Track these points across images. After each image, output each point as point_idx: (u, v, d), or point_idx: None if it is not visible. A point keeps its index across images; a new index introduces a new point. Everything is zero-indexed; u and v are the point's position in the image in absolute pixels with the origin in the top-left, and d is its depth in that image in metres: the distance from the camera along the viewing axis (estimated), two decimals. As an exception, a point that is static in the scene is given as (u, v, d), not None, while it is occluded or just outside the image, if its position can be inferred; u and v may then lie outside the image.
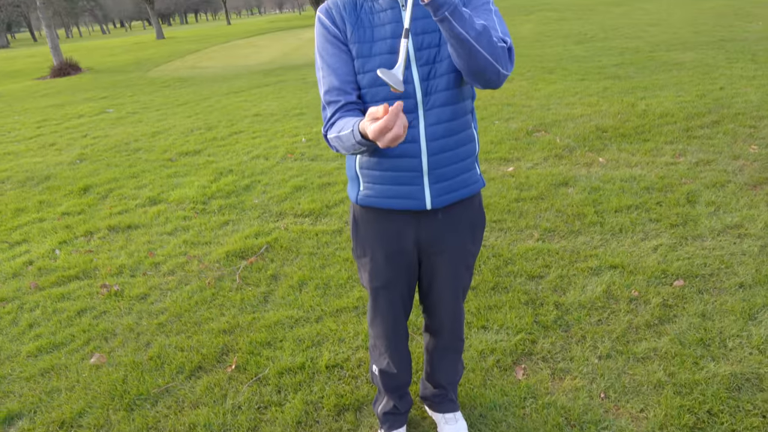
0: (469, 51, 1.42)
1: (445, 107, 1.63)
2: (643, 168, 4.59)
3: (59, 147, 7.85)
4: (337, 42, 1.63)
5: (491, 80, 1.50)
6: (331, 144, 1.62)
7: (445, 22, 1.38)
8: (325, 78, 1.65)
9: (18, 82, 18.54)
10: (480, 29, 1.42)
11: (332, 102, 1.63)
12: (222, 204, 4.81)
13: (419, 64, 1.61)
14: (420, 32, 1.61)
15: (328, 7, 1.67)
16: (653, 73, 8.24)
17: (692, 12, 16.57)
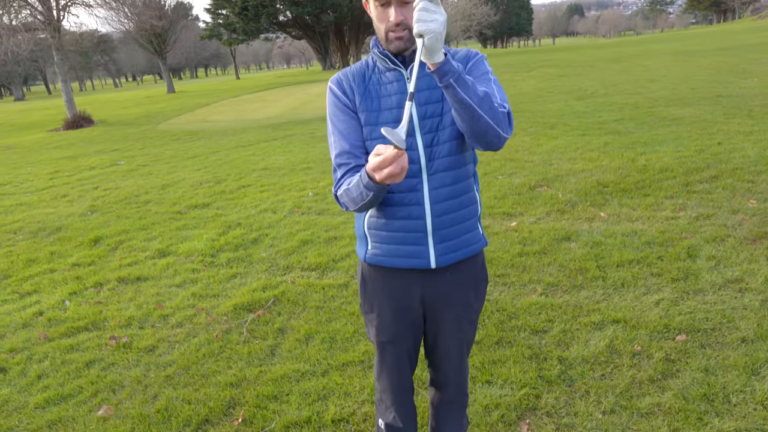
0: (472, 115, 1.53)
1: (447, 172, 1.74)
2: (644, 222, 4.68)
3: (71, 198, 8.02)
4: (347, 110, 1.76)
5: (492, 143, 1.61)
6: (340, 201, 1.73)
7: (450, 89, 1.50)
8: (336, 142, 1.77)
9: (33, 134, 19.01)
10: (482, 95, 1.54)
11: (343, 164, 1.74)
12: (230, 257, 4.89)
13: (423, 132, 1.72)
14: (424, 102, 1.73)
15: (339, 78, 1.81)
16: (653, 129, 8.43)
17: (690, 68, 17.00)
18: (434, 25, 1.42)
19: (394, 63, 1.74)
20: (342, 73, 1.83)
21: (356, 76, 1.80)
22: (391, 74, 1.75)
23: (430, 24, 1.41)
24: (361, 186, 1.60)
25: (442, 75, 1.49)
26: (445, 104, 1.73)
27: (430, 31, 1.41)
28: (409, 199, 1.74)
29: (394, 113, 1.72)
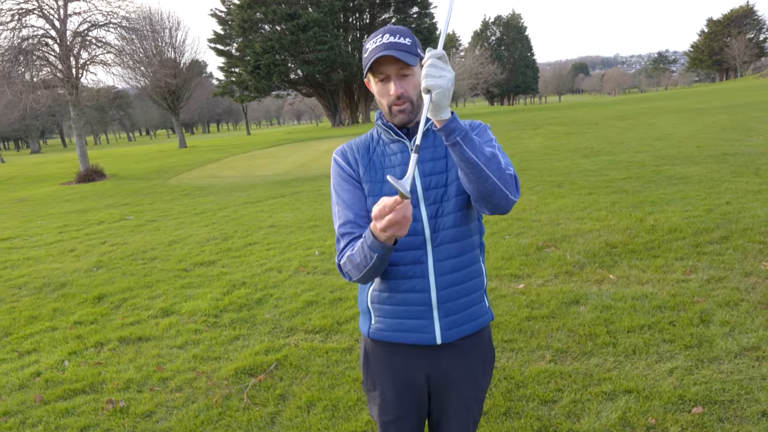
0: (479, 175, 1.52)
1: (453, 243, 1.71)
2: (654, 285, 4.59)
3: (78, 253, 8.04)
4: (351, 180, 1.76)
5: (500, 205, 1.59)
6: (344, 270, 1.69)
7: (456, 147, 1.49)
8: (340, 212, 1.76)
9: (45, 187, 19.29)
10: (489, 155, 1.53)
11: (347, 234, 1.72)
12: (233, 318, 4.82)
13: (427, 203, 1.71)
14: (428, 173, 1.72)
15: (344, 150, 1.82)
16: (660, 188, 8.42)
17: (695, 126, 17.16)
18: (442, 81, 1.42)
19: (398, 134, 1.74)
20: (347, 145, 1.84)
21: (361, 148, 1.81)
22: (395, 146, 1.76)
23: (438, 80, 1.42)
24: (365, 248, 1.57)
25: (449, 132, 1.49)
26: (450, 174, 1.72)
27: (438, 87, 1.41)
28: (414, 271, 1.71)
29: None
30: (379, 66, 1.66)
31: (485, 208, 1.62)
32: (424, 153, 1.75)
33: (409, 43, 1.66)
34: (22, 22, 19.21)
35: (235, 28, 40.00)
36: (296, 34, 37.95)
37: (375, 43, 1.67)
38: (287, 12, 37.97)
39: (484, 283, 1.82)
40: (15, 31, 19.07)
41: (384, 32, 1.68)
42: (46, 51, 19.80)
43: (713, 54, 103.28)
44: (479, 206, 1.63)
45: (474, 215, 1.79)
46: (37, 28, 19.64)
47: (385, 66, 1.65)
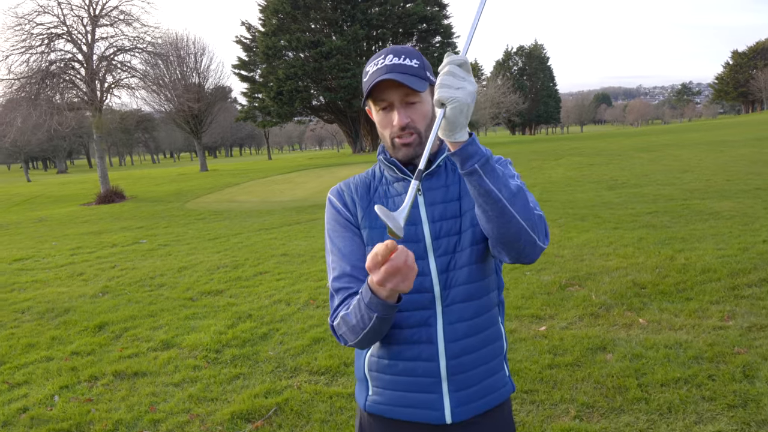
0: (501, 213, 1.24)
1: (467, 302, 1.44)
2: (688, 332, 4.23)
3: (86, 277, 7.87)
4: (348, 225, 1.50)
5: (525, 251, 1.31)
6: (338, 332, 1.43)
7: (474, 177, 1.22)
8: (335, 263, 1.50)
9: (65, 207, 19.41)
10: (515, 189, 1.26)
11: (342, 289, 1.45)
12: (235, 354, 4.55)
13: (437, 255, 1.44)
14: (438, 219, 1.46)
15: (340, 190, 1.56)
16: (689, 223, 8.03)
17: (723, 159, 16.68)
18: (460, 94, 1.16)
19: (403, 172, 1.49)
20: (344, 184, 1.58)
21: (360, 187, 1.55)
22: (400, 185, 1.50)
23: (455, 92, 1.16)
24: (362, 307, 1.30)
25: (465, 158, 1.21)
26: (465, 220, 1.45)
27: (455, 100, 1.15)
28: (420, 335, 1.43)
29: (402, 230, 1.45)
30: (381, 92, 1.41)
31: (507, 255, 1.34)
32: (434, 194, 1.48)
33: (416, 65, 1.41)
34: (51, 47, 19.60)
35: (260, 55, 40.53)
36: (319, 62, 38.30)
37: (376, 65, 1.41)
38: (311, 40, 38.40)
39: (504, 348, 1.54)
40: (44, 55, 19.43)
41: (387, 53, 1.42)
42: (72, 74, 20.12)
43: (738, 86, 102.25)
44: (499, 253, 1.35)
45: (492, 267, 1.51)
46: (65, 52, 20.02)
47: (388, 92, 1.40)
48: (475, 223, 1.45)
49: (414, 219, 1.46)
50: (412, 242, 1.44)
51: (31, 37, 19.17)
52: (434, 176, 1.50)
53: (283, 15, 39.94)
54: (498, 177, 1.24)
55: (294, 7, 38.97)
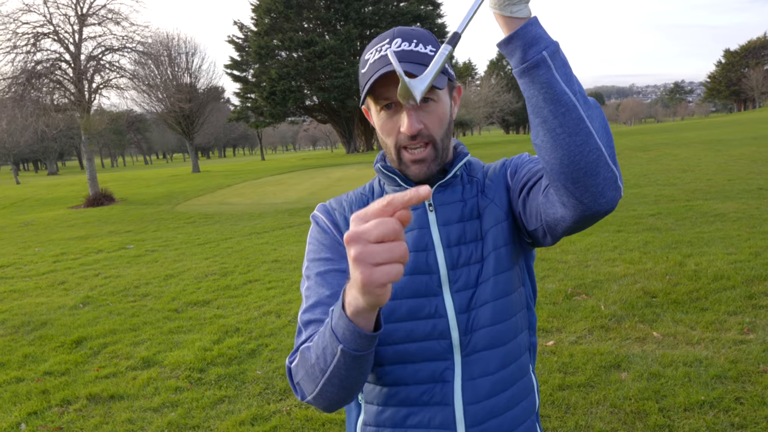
0: (576, 128, 0.88)
1: (492, 350, 1.12)
2: (707, 347, 3.93)
3: (68, 286, 7.52)
4: (336, 248, 1.17)
5: (603, 192, 0.92)
6: (294, 379, 1.05)
7: (541, 71, 0.87)
8: (311, 290, 1.13)
9: (53, 210, 18.98)
10: (592, 102, 0.91)
11: (315, 321, 1.08)
12: (221, 373, 4.23)
13: (454, 289, 1.12)
14: (455, 242, 1.13)
15: (329, 208, 1.23)
16: (695, 225, 7.76)
17: (722, 158, 16.45)
18: None
19: (408, 184, 1.16)
20: (335, 201, 1.26)
21: (354, 205, 1.22)
22: None
23: None
24: (326, 333, 0.94)
25: (529, 42, 0.87)
26: (487, 242, 1.12)
27: None
28: (432, 395, 1.11)
29: (409, 259, 1.12)
30: (385, 88, 1.07)
31: (575, 202, 0.93)
32: (449, 211, 1.16)
33: (432, 54, 1.08)
34: (37, 46, 19.16)
35: (252, 55, 40.16)
36: (312, 61, 37.97)
37: (379, 51, 1.09)
38: (304, 39, 38.06)
39: (536, 403, 1.23)
40: (30, 55, 19.00)
41: (393, 36, 1.09)
42: (59, 74, 19.69)
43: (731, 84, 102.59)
44: (564, 204, 0.95)
45: (522, 301, 1.19)
46: (51, 52, 19.58)
47: (393, 88, 1.06)
48: (499, 245, 1.13)
49: (423, 242, 1.14)
50: (423, 273, 1.12)
51: (16, 36, 18.73)
52: (448, 188, 1.18)
53: (275, 14, 39.58)
54: (571, 74, 0.89)
55: (287, 6, 38.62)
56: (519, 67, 0.89)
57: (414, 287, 1.11)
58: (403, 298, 1.12)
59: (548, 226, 1.04)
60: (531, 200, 1.08)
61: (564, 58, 0.90)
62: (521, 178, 1.14)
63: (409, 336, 1.11)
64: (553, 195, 0.99)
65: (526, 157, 1.19)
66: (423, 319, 1.11)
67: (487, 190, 1.19)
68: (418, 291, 1.12)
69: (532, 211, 1.07)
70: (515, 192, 1.15)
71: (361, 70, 1.14)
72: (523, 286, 1.20)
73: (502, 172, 1.21)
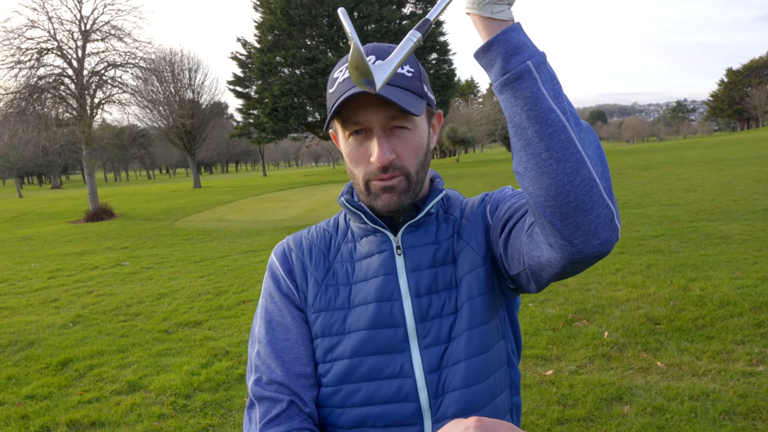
0: (565, 152, 0.75)
1: (467, 416, 0.98)
2: (714, 379, 3.77)
3: (60, 304, 7.38)
4: (290, 305, 1.04)
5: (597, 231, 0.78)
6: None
7: (525, 83, 0.75)
8: (261, 359, 1.02)
9: (53, 225, 18.90)
10: (585, 126, 0.79)
11: (268, 399, 0.98)
12: (207, 400, 4.07)
13: (423, 345, 0.98)
14: (425, 291, 1.00)
15: (287, 249, 1.11)
16: (699, 248, 7.60)
17: (726, 178, 16.32)
18: None
19: (375, 222, 1.02)
20: (293, 240, 1.12)
21: (316, 246, 1.08)
22: (370, 241, 1.04)
23: None
24: None
25: (511, 50, 0.75)
26: (461, 291, 0.99)
27: None
28: None
29: (370, 313, 0.99)
30: (353, 111, 0.94)
31: (563, 242, 0.80)
32: (420, 254, 1.02)
33: (409, 75, 0.95)
34: (41, 61, 19.22)
35: (255, 71, 40.31)
36: (315, 78, 38.07)
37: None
38: (306, 56, 38.21)
39: None
40: (33, 70, 19.04)
41: (366, 52, 0.96)
42: (62, 90, 19.72)
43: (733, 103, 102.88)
44: (548, 234, 0.81)
45: (502, 357, 1.04)
46: (54, 67, 19.63)
47: (364, 112, 0.94)
48: (474, 294, 1.00)
49: (389, 291, 1.00)
50: (387, 327, 0.99)
51: (20, 51, 18.79)
52: (420, 228, 1.04)
53: (278, 31, 39.80)
54: (561, 90, 0.77)
55: (290, 23, 38.85)
56: (500, 80, 0.77)
57: (376, 343, 0.98)
58: (365, 355, 0.98)
59: (532, 270, 0.90)
60: (513, 240, 0.94)
61: (551, 71, 0.77)
62: (502, 215, 1.00)
63: (371, 398, 0.97)
64: (538, 234, 0.85)
65: (509, 192, 1.06)
66: (386, 379, 0.98)
67: (463, 230, 1.05)
68: (381, 347, 0.98)
69: (515, 253, 0.94)
70: (495, 231, 1.01)
71: (328, 89, 1.01)
72: (504, 339, 1.05)
73: (480, 209, 1.07)
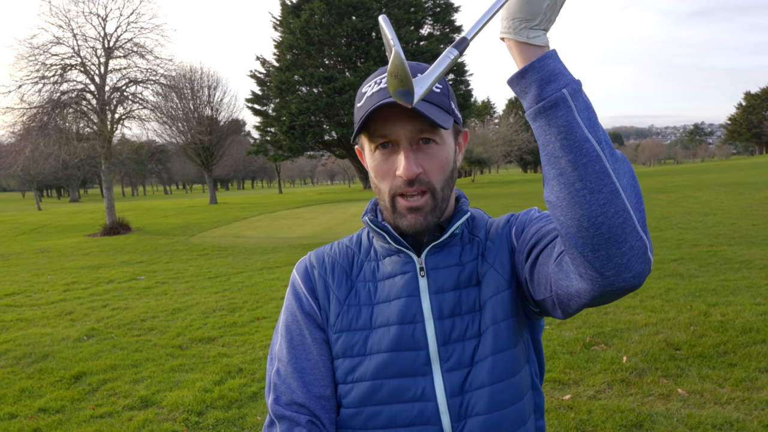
0: (599, 183, 0.73)
1: None
2: (738, 408, 3.67)
3: (75, 317, 7.42)
4: (312, 324, 1.03)
5: (630, 263, 0.76)
6: None
7: (560, 112, 0.73)
8: (281, 378, 1.01)
9: (69, 238, 19.10)
10: (619, 155, 0.76)
11: (286, 418, 0.97)
12: (219, 417, 4.04)
13: (446, 368, 0.96)
14: (448, 314, 0.98)
15: (310, 266, 1.09)
16: (720, 273, 7.47)
17: (746, 202, 16.11)
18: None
19: (399, 243, 1.00)
20: (315, 256, 1.11)
21: (339, 263, 1.07)
22: (394, 261, 1.02)
23: None
24: None
25: (547, 78, 0.74)
26: (485, 315, 0.97)
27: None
28: None
29: (393, 334, 0.98)
30: (381, 123, 0.93)
31: (594, 274, 0.77)
32: (444, 276, 1.00)
33: (437, 90, 0.95)
34: (64, 77, 19.61)
35: (273, 89, 40.80)
36: (332, 97, 38.42)
37: (378, 84, 0.95)
38: (324, 75, 38.62)
39: None
40: (56, 85, 19.43)
41: None
42: (84, 105, 20.07)
43: (752, 127, 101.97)
44: (578, 265, 0.79)
45: (527, 381, 1.01)
46: (77, 83, 20.01)
47: (392, 125, 0.93)
48: (499, 319, 0.98)
49: (411, 313, 0.98)
50: (408, 349, 0.97)
51: (44, 67, 19.20)
52: (444, 249, 1.02)
53: (297, 51, 40.31)
54: (596, 119, 0.75)
55: (308, 43, 39.35)
56: (534, 107, 0.75)
57: (398, 365, 0.96)
58: (386, 377, 0.97)
59: (560, 299, 0.88)
60: (540, 266, 0.92)
61: (587, 100, 0.76)
62: (529, 239, 0.97)
63: (392, 421, 0.95)
64: (568, 264, 0.83)
65: (535, 214, 1.03)
66: (408, 402, 0.96)
67: (487, 252, 1.03)
68: (402, 370, 0.97)
69: (541, 280, 0.91)
70: (521, 255, 0.98)
71: (356, 104, 1.00)
72: (528, 363, 1.03)
73: (506, 231, 1.05)
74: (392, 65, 0.64)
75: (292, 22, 39.50)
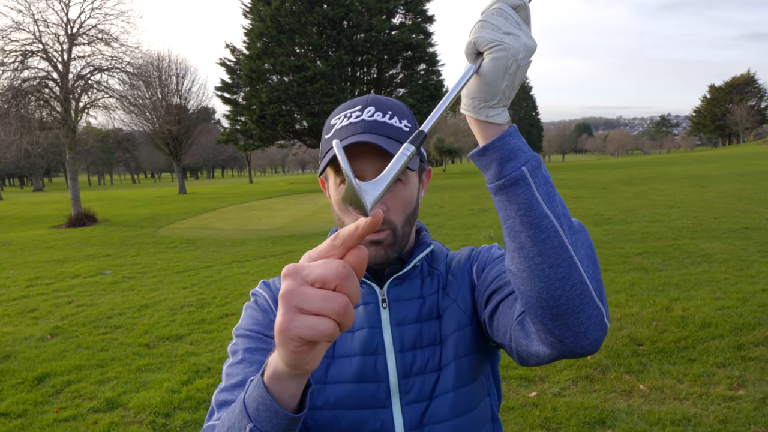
0: (558, 257, 0.74)
1: None
2: (695, 403, 3.79)
3: (38, 314, 7.25)
4: (269, 343, 1.02)
5: (587, 331, 0.77)
6: None
7: (520, 189, 0.74)
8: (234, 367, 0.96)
9: (34, 230, 18.61)
10: (575, 224, 0.78)
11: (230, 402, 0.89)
12: (187, 419, 4.01)
13: (405, 401, 0.97)
14: (409, 346, 0.99)
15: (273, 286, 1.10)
16: (682, 266, 7.67)
17: (709, 194, 16.55)
18: (510, 40, 0.69)
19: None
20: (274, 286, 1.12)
21: None
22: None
23: (503, 36, 0.69)
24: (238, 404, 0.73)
25: (507, 155, 0.75)
26: (447, 348, 0.98)
27: (499, 46, 0.69)
28: None
29: (354, 366, 0.98)
30: (349, 158, 0.93)
31: (552, 339, 0.79)
32: (405, 309, 1.01)
33: (407, 129, 0.96)
34: (25, 64, 19.00)
35: (243, 78, 40.22)
36: (303, 86, 38.07)
37: (348, 118, 0.95)
38: (295, 64, 38.21)
39: None
40: (16, 72, 18.82)
41: (366, 103, 0.97)
42: (47, 93, 19.50)
43: (716, 119, 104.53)
44: (539, 330, 0.80)
45: (488, 413, 1.04)
46: (39, 70, 19.42)
47: (360, 161, 0.94)
48: (461, 354, 0.99)
49: (373, 345, 0.99)
50: (370, 381, 0.97)
51: (3, 53, 18.57)
52: (405, 281, 1.04)
53: (268, 39, 39.77)
54: (555, 193, 0.77)
55: (279, 31, 38.85)
56: (494, 183, 0.76)
57: (358, 397, 0.97)
58: (346, 408, 0.97)
59: (519, 354, 0.91)
60: (501, 316, 0.94)
61: (546, 175, 0.77)
62: (489, 282, 0.99)
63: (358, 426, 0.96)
64: (529, 325, 0.85)
65: (497, 252, 1.05)
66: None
67: (449, 287, 1.05)
68: (362, 401, 0.97)
69: (500, 328, 0.93)
70: (481, 295, 1.00)
71: (324, 135, 1.00)
72: (488, 395, 1.05)
73: (467, 267, 1.07)
74: (346, 193, 0.64)
75: (262, 9, 38.91)
